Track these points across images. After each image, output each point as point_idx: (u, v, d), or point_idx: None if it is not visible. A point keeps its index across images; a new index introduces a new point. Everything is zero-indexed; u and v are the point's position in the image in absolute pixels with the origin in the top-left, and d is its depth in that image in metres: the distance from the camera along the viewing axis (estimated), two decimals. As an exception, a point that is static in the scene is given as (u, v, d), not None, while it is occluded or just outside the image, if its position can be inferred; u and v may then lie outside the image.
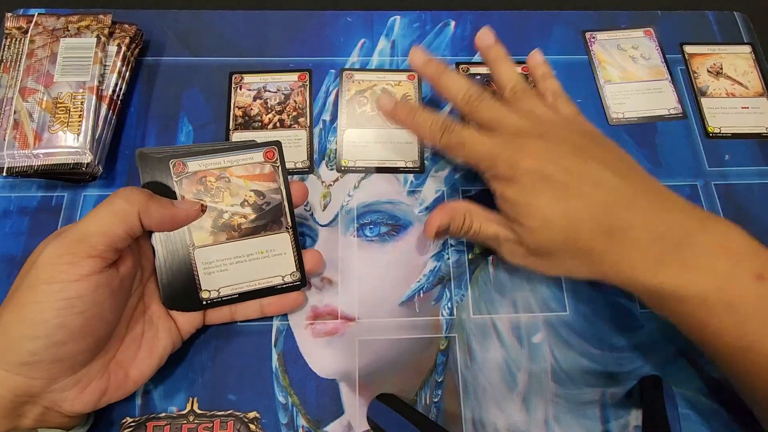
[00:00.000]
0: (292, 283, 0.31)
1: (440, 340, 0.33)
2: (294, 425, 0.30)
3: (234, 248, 0.30)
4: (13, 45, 0.36)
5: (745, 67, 0.43)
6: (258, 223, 0.31)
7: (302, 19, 0.43)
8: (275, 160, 0.30)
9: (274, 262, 0.31)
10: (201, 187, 0.30)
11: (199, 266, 0.30)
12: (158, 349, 0.29)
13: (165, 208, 0.28)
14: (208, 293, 0.30)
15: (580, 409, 0.31)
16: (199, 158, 0.30)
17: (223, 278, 0.30)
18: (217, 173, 0.30)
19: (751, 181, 0.39)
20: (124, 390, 0.27)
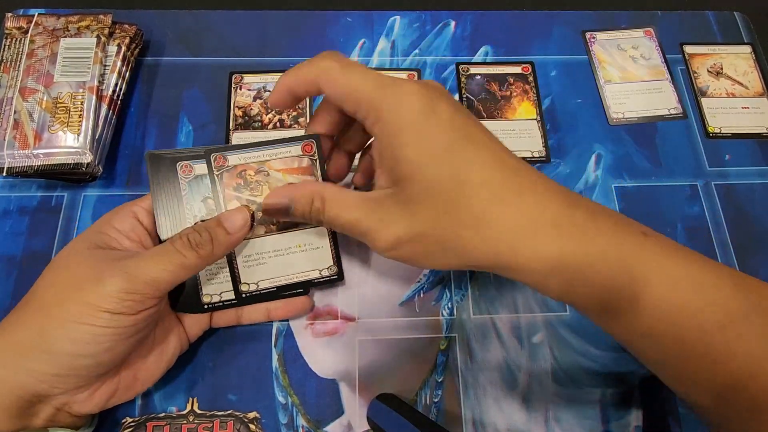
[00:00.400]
0: (329, 277, 0.31)
1: (440, 340, 0.33)
2: (294, 425, 0.30)
3: (267, 243, 0.30)
4: (13, 45, 0.36)
5: (745, 67, 0.43)
6: None
7: (302, 19, 0.43)
8: (313, 153, 0.30)
9: (311, 256, 0.31)
10: (241, 181, 0.29)
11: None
12: (168, 353, 0.29)
13: (225, 245, 0.27)
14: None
15: (581, 409, 0.31)
16: (238, 152, 0.29)
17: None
18: (256, 167, 0.29)
19: (751, 181, 0.39)
20: (132, 392, 0.28)
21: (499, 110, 0.40)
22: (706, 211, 0.37)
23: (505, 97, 0.41)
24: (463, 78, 0.41)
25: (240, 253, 0.30)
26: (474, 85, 0.41)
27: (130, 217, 0.29)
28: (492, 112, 0.40)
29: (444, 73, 0.41)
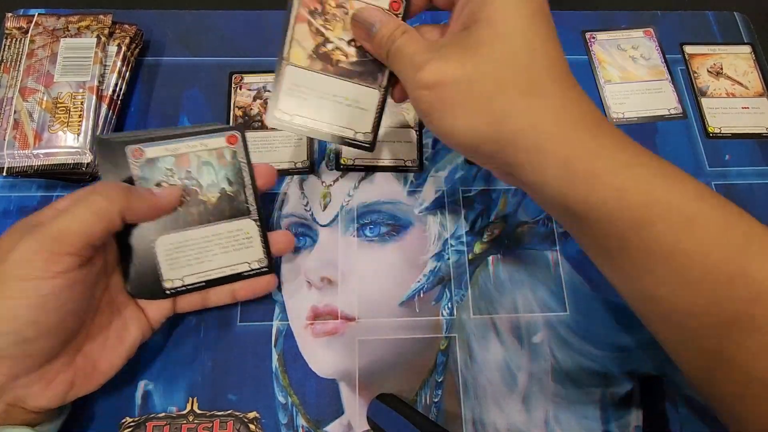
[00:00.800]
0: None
1: (440, 340, 0.33)
2: (294, 425, 0.30)
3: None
4: (13, 45, 0.36)
5: (745, 67, 0.43)
6: (355, 69, 0.29)
7: (302, 19, 0.43)
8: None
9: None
10: (319, 6, 0.28)
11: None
12: (127, 340, 0.28)
13: (146, 202, 0.27)
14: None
15: (581, 409, 0.31)
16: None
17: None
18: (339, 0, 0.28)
19: (751, 181, 0.39)
20: (93, 383, 0.27)
21: (499, 110, 0.40)
22: (706, 211, 0.37)
23: (505, 97, 0.41)
24: (463, 78, 0.41)
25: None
26: (474, 85, 0.41)
27: None
28: (492, 112, 0.40)
29: (444, 73, 0.41)
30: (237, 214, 0.30)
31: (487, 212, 0.37)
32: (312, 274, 0.34)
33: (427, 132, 0.39)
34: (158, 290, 0.29)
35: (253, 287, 0.31)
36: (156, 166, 0.29)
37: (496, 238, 0.36)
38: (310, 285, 0.34)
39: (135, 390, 0.31)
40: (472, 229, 0.36)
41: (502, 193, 0.37)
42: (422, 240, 0.35)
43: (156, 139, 0.29)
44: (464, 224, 0.36)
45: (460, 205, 0.37)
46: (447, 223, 0.36)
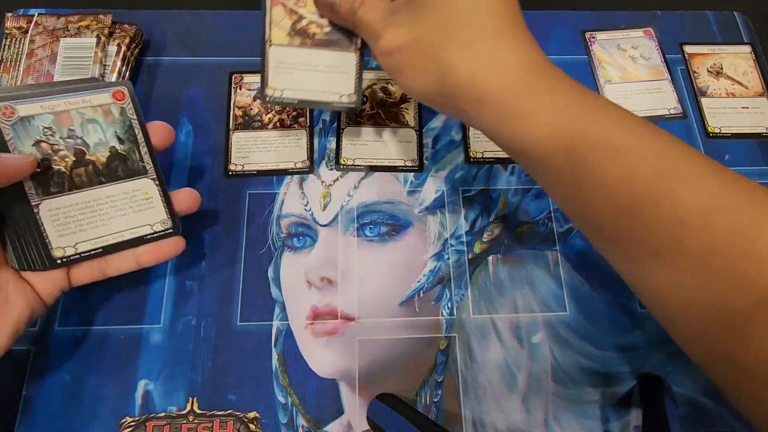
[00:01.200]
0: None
1: (440, 340, 0.33)
2: (294, 425, 0.30)
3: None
4: (13, 45, 0.36)
5: (745, 67, 0.43)
6: (330, 38, 0.31)
7: (302, 19, 0.43)
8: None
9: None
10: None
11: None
12: (11, 316, 0.26)
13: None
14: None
15: (581, 409, 0.31)
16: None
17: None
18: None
19: (751, 181, 0.38)
20: None
21: (499, 110, 0.40)
22: (706, 211, 0.37)
23: (505, 96, 0.41)
24: (463, 78, 0.41)
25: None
26: (474, 85, 0.41)
27: None
28: (492, 112, 0.40)
29: (444, 73, 0.41)
30: (132, 173, 0.29)
31: (487, 212, 0.37)
32: (312, 274, 0.34)
33: (427, 132, 0.39)
34: (47, 260, 0.27)
35: (158, 251, 0.30)
36: (32, 124, 0.26)
37: (496, 238, 0.36)
38: (310, 285, 0.34)
39: (135, 390, 0.31)
40: (472, 229, 0.36)
41: (502, 193, 0.37)
42: (422, 240, 0.35)
43: (30, 95, 0.26)
44: (464, 224, 0.36)
45: (460, 205, 0.37)
46: (447, 223, 0.36)
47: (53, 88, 0.27)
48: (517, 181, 0.38)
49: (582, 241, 0.36)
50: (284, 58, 0.31)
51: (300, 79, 0.31)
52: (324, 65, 0.31)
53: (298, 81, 0.31)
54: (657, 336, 0.33)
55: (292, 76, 0.31)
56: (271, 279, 0.34)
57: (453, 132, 0.39)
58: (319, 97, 0.31)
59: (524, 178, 0.38)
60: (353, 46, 0.31)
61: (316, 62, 0.31)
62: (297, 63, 0.31)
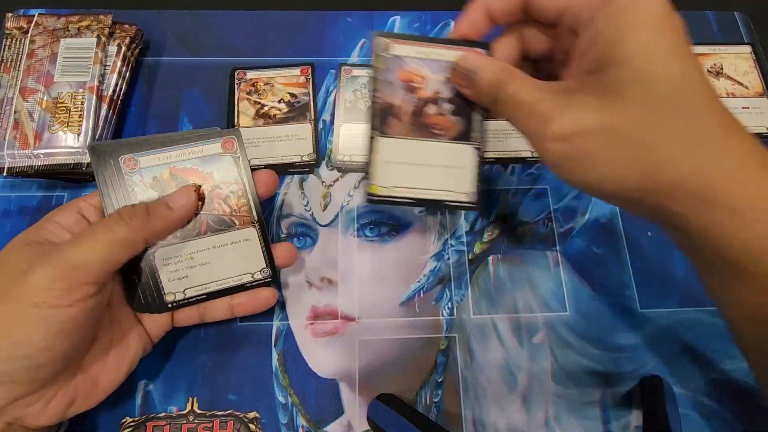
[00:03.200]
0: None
1: (440, 340, 0.33)
2: (294, 425, 0.30)
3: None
4: (13, 45, 0.36)
5: (746, 67, 0.43)
6: (289, 115, 0.37)
7: (302, 19, 0.43)
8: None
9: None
10: (252, 88, 0.34)
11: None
12: (129, 355, 0.28)
13: (166, 219, 0.27)
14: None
15: (581, 409, 0.31)
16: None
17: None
18: (265, 80, 0.37)
19: (751, 181, 0.38)
20: (94, 399, 0.26)
21: (499, 110, 0.40)
22: (706, 211, 0.37)
23: (505, 97, 0.41)
24: (463, 78, 0.41)
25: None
26: (474, 85, 0.41)
27: (74, 212, 0.27)
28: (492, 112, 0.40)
29: (444, 73, 0.41)
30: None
31: (488, 212, 0.37)
32: (312, 274, 0.34)
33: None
34: (160, 304, 0.29)
35: (252, 303, 0.30)
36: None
37: (496, 238, 0.36)
38: (310, 285, 0.34)
39: (135, 390, 0.31)
40: (472, 229, 0.36)
41: (502, 193, 0.37)
42: (422, 240, 0.35)
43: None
44: (464, 224, 0.36)
45: (460, 205, 0.37)
46: (447, 223, 0.36)
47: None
48: (518, 181, 0.38)
49: (582, 241, 0.36)
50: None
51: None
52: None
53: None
54: (657, 336, 0.33)
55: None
56: (271, 279, 0.34)
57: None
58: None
59: (524, 178, 0.38)
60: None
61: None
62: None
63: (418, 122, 0.28)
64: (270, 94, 0.39)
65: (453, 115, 0.28)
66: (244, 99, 0.39)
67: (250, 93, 0.39)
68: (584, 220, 0.37)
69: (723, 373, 0.32)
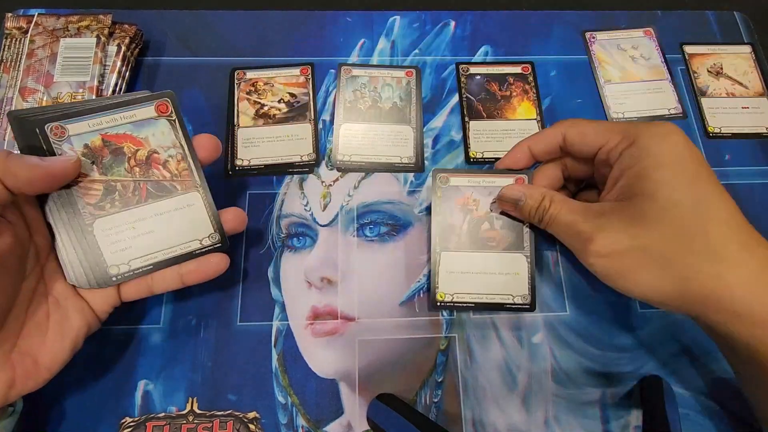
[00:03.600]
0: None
1: (440, 340, 0.33)
2: (294, 425, 0.30)
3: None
4: (13, 45, 0.36)
5: (745, 67, 0.43)
6: (289, 115, 0.37)
7: (302, 18, 0.43)
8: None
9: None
10: (252, 88, 0.34)
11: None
12: (70, 332, 0.27)
13: (32, 165, 0.24)
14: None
15: (581, 409, 0.31)
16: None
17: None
18: (265, 80, 0.38)
19: (751, 181, 0.39)
20: (36, 379, 0.25)
21: (499, 110, 0.40)
22: (706, 211, 0.37)
23: (505, 97, 0.41)
24: (463, 78, 0.41)
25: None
26: (474, 85, 0.41)
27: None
28: (492, 112, 0.40)
29: (444, 73, 0.41)
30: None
31: (487, 212, 0.37)
32: (312, 274, 0.34)
33: (427, 132, 0.39)
34: (103, 278, 0.27)
35: (203, 269, 0.29)
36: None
37: (496, 238, 0.36)
38: (310, 285, 0.34)
39: (135, 390, 0.31)
40: (472, 229, 0.36)
41: (502, 193, 0.37)
42: (422, 240, 0.35)
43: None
44: (464, 224, 0.36)
45: (460, 205, 0.37)
46: (447, 223, 0.36)
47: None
48: (517, 181, 0.38)
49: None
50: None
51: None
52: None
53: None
54: (657, 336, 0.33)
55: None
56: (271, 279, 0.34)
57: (453, 132, 0.39)
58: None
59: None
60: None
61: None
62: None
63: (474, 238, 0.32)
64: (270, 94, 0.39)
65: (502, 230, 0.33)
66: (244, 99, 0.39)
67: (250, 93, 0.39)
68: (584, 220, 0.37)
69: (723, 373, 0.32)
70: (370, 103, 0.40)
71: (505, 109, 0.40)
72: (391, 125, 0.39)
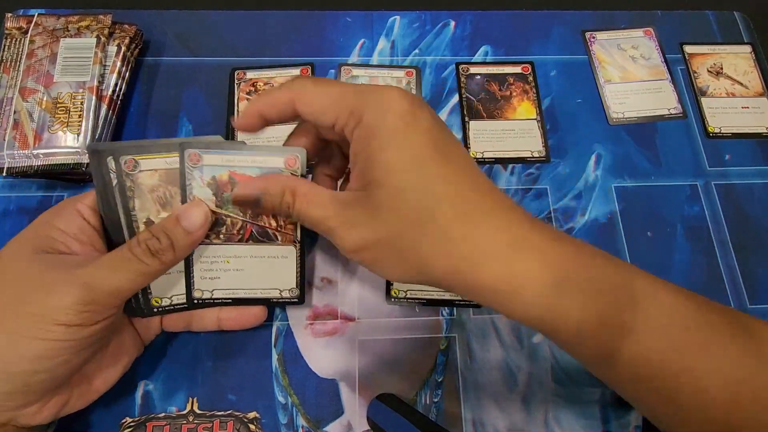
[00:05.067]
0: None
1: (440, 340, 0.33)
2: (294, 425, 0.30)
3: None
4: (13, 45, 0.36)
5: (745, 67, 0.43)
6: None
7: (302, 19, 0.43)
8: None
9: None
10: (252, 88, 0.32)
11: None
12: (123, 357, 0.28)
13: (188, 248, 0.27)
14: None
15: (581, 408, 0.31)
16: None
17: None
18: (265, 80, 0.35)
19: (751, 181, 0.39)
20: (86, 399, 0.27)
21: (499, 110, 0.40)
22: (706, 211, 0.37)
23: (505, 97, 0.41)
24: (463, 78, 0.41)
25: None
26: (474, 84, 0.41)
27: (76, 216, 0.26)
28: (492, 112, 0.40)
29: (444, 73, 0.41)
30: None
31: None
32: (312, 274, 0.34)
33: (427, 132, 0.39)
34: (148, 308, 0.28)
35: (240, 319, 0.30)
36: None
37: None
38: (310, 285, 0.34)
39: (135, 390, 0.31)
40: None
41: (502, 193, 0.37)
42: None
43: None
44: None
45: (460, 205, 0.37)
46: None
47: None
48: (517, 181, 0.38)
49: (582, 241, 0.36)
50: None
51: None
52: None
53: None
54: (657, 336, 0.33)
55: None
56: (271, 279, 0.34)
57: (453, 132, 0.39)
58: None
59: (524, 179, 0.38)
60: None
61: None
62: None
63: None
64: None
65: None
66: (244, 99, 0.39)
67: (250, 93, 0.39)
68: (584, 220, 0.37)
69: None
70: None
71: (505, 109, 0.40)
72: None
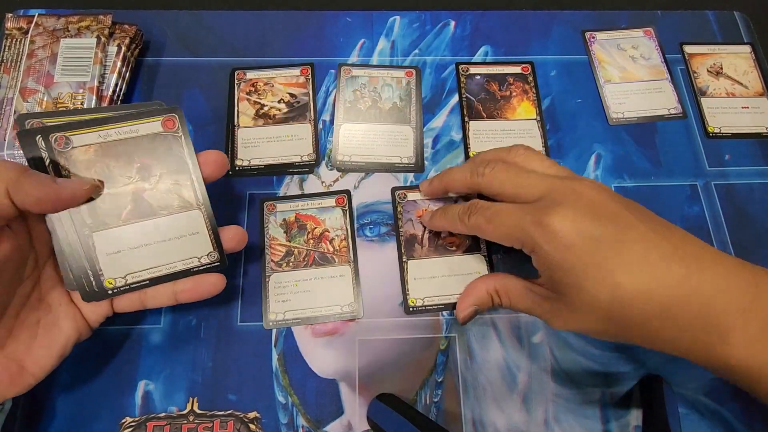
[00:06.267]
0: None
1: (440, 340, 0.33)
2: (294, 425, 0.31)
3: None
4: (13, 45, 0.37)
5: (745, 67, 0.43)
6: (289, 115, 0.38)
7: (302, 19, 0.43)
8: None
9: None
10: (252, 88, 0.37)
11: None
12: (59, 339, 0.26)
13: (44, 186, 0.24)
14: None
15: (580, 409, 0.31)
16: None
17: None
18: (265, 80, 0.39)
19: (751, 181, 0.39)
20: (21, 384, 0.25)
21: (499, 110, 0.40)
22: (706, 211, 0.37)
23: (505, 97, 0.41)
24: (463, 78, 0.41)
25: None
26: (474, 85, 0.41)
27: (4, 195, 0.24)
28: (492, 112, 0.40)
29: (444, 73, 0.41)
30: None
31: (487, 212, 0.37)
32: (312, 274, 0.34)
33: (427, 132, 0.39)
34: (100, 290, 0.27)
35: (197, 288, 0.29)
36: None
37: (496, 238, 0.36)
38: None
39: (135, 390, 0.31)
40: (472, 229, 0.36)
41: (502, 193, 0.37)
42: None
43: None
44: (464, 224, 0.36)
45: (460, 205, 0.37)
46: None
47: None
48: (517, 181, 0.38)
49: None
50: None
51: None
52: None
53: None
54: (657, 336, 0.33)
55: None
56: (271, 279, 0.34)
57: (453, 132, 0.39)
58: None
59: (524, 178, 0.38)
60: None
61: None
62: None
63: (435, 244, 0.35)
64: (270, 94, 0.39)
65: (460, 235, 0.35)
66: (244, 99, 0.39)
67: (250, 93, 0.39)
68: (584, 220, 0.37)
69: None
70: (370, 104, 0.40)
71: (504, 109, 0.40)
72: (391, 125, 0.39)
